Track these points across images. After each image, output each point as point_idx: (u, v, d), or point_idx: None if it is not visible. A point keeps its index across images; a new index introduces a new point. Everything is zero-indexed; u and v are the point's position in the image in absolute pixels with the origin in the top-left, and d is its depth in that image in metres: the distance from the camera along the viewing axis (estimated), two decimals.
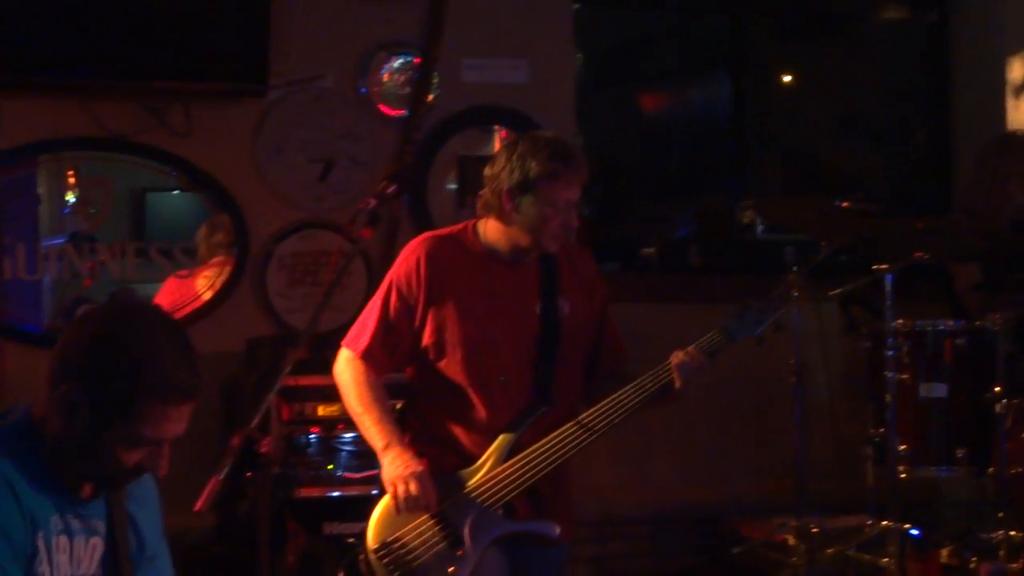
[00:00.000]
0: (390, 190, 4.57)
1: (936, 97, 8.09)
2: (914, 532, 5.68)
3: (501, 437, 4.43)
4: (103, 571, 3.27)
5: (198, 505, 3.82)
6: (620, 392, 4.45)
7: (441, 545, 4.37)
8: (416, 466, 4.36)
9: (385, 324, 4.52)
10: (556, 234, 4.43)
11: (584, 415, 4.45)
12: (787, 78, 8.12)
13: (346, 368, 4.54)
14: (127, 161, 6.29)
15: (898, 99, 8.31)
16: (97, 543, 3.24)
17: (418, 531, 4.37)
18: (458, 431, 4.51)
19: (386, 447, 4.41)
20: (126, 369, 3.03)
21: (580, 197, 4.48)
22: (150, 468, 3.20)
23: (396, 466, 4.36)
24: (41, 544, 3.07)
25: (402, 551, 4.36)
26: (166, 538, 3.53)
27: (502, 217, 4.45)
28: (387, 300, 4.53)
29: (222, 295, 6.33)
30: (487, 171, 4.50)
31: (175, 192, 6.54)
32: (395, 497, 4.34)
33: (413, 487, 4.32)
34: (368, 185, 6.13)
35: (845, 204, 5.89)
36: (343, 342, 4.59)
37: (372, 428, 4.45)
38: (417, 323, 4.51)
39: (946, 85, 8.05)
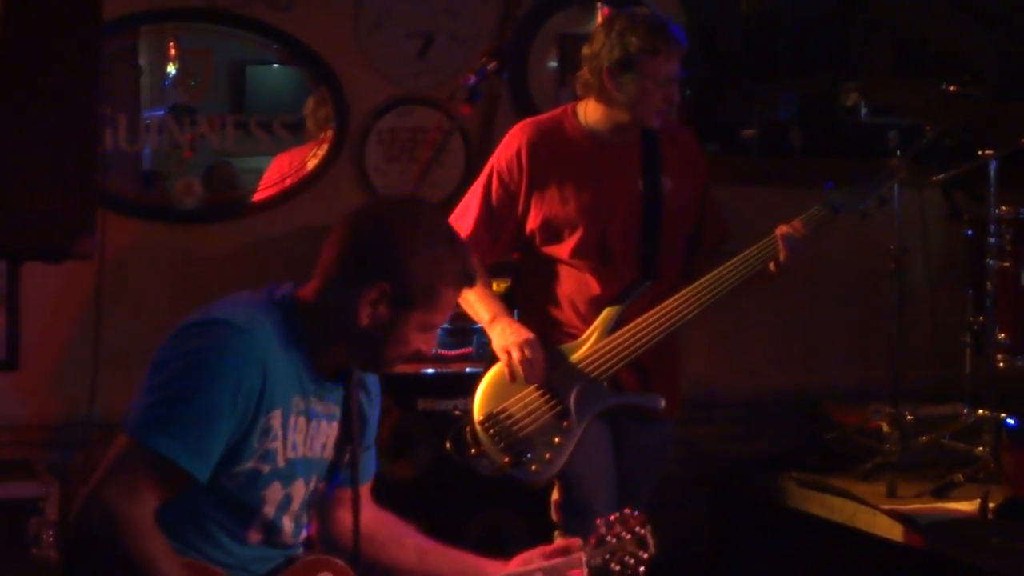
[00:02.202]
0: (490, 67, 4.59)
1: None
2: (1010, 422, 5.63)
3: (607, 310, 4.50)
4: (334, 454, 3.43)
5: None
6: (725, 266, 4.52)
7: (547, 416, 4.43)
8: (527, 333, 4.43)
9: (488, 210, 4.58)
10: (658, 109, 4.47)
11: (688, 289, 4.49)
12: None
13: None
14: (228, 33, 6.27)
15: None
16: (332, 427, 3.40)
17: (524, 402, 4.44)
18: (567, 308, 4.59)
19: (494, 319, 4.48)
20: (428, 262, 3.23)
21: (680, 72, 4.48)
22: (426, 351, 3.39)
23: (507, 334, 4.44)
24: (277, 422, 3.21)
25: (508, 422, 4.43)
26: None
27: (603, 96, 4.49)
28: (488, 187, 4.59)
29: (321, 169, 6.33)
30: (585, 50, 4.54)
31: (275, 66, 6.53)
32: (508, 364, 4.40)
33: (528, 352, 4.37)
34: (468, 61, 6.08)
35: (952, 88, 5.81)
36: None
37: (477, 303, 4.53)
38: (520, 210, 4.56)
39: None
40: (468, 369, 5.48)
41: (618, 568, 3.57)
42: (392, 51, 6.47)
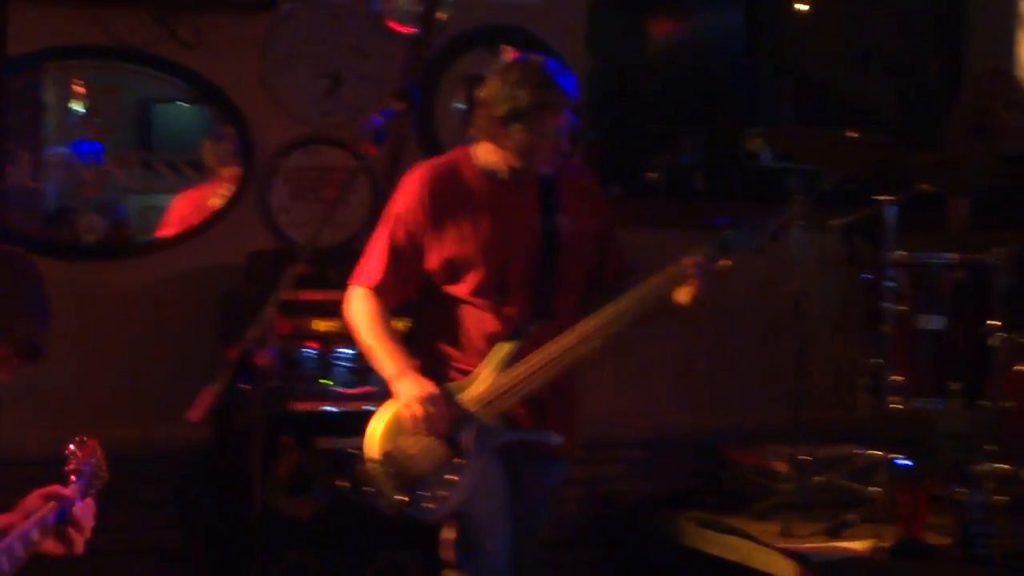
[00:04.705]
0: (397, 107, 4.61)
1: (949, 29, 8.06)
2: (904, 462, 5.72)
3: (501, 347, 4.54)
4: None
5: (193, 415, 3.87)
6: (621, 302, 4.53)
7: (442, 454, 4.47)
8: (431, 388, 4.46)
9: (394, 257, 4.62)
10: (546, 158, 4.53)
11: (585, 324, 4.53)
12: (801, 7, 8.07)
13: (358, 304, 4.65)
14: (135, 71, 6.27)
15: (911, 30, 8.26)
16: None
17: (419, 441, 4.44)
18: (466, 346, 4.64)
19: (400, 373, 4.52)
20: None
21: (570, 122, 4.56)
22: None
23: (411, 389, 4.45)
24: None
25: (403, 460, 4.47)
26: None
27: (495, 141, 4.54)
28: (392, 233, 4.63)
29: (226, 208, 6.34)
30: (479, 95, 4.60)
31: (182, 104, 6.53)
32: (412, 418, 4.42)
33: (432, 407, 4.41)
34: (375, 102, 6.11)
35: (853, 134, 5.90)
36: (352, 281, 4.70)
37: (385, 358, 4.57)
38: (423, 251, 4.59)
39: (959, 17, 8.02)
40: (368, 407, 5.48)
41: (93, 492, 3.65)
42: (300, 90, 6.49)
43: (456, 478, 4.44)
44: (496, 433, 4.51)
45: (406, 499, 4.43)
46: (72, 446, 3.66)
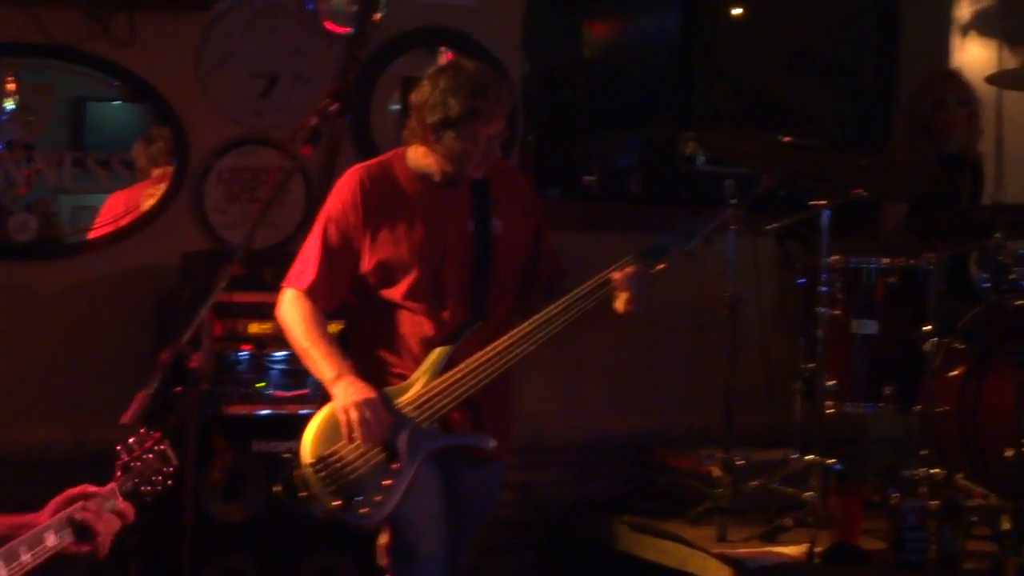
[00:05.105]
0: (332, 108, 4.59)
1: (884, 34, 8.11)
2: (838, 467, 5.75)
3: (436, 351, 4.53)
4: None
5: (125, 418, 3.83)
6: (555, 305, 4.55)
7: (377, 459, 4.44)
8: (369, 392, 4.43)
9: (327, 259, 4.59)
10: (477, 165, 4.53)
11: (519, 328, 4.54)
12: (737, 11, 8.10)
13: (291, 307, 4.61)
14: (69, 69, 6.21)
15: (846, 35, 8.31)
16: None
17: (354, 445, 4.43)
18: (401, 350, 4.61)
19: (337, 376, 4.49)
20: None
21: (503, 129, 4.56)
22: None
23: (348, 393, 4.43)
24: None
25: (338, 464, 4.43)
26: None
27: (427, 146, 4.53)
28: (326, 235, 4.61)
29: (159, 208, 6.29)
30: (412, 99, 4.58)
31: (115, 103, 6.48)
32: (348, 423, 4.40)
33: (369, 412, 4.38)
34: (311, 102, 6.08)
35: (787, 139, 5.93)
36: (284, 283, 4.67)
37: (321, 361, 4.53)
38: (356, 253, 4.58)
39: (894, 22, 8.07)
40: (303, 411, 5.45)
41: (148, 489, 3.60)
42: (235, 90, 6.45)
43: (391, 483, 4.42)
44: (431, 438, 4.50)
45: (341, 504, 4.40)
46: (131, 439, 3.61)
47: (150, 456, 3.62)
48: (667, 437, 6.86)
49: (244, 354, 5.64)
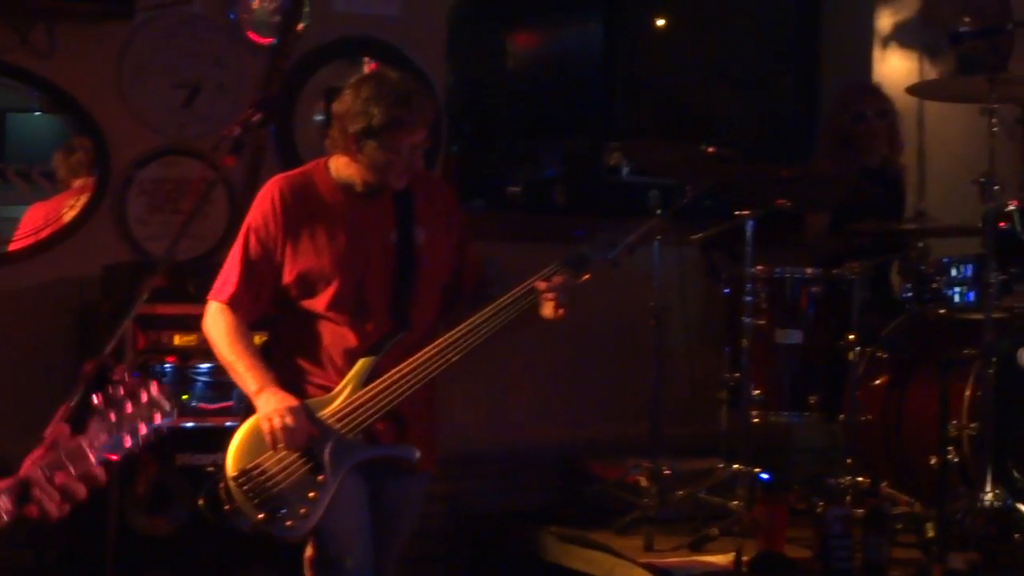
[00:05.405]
0: (255, 119, 4.56)
1: (805, 46, 8.17)
2: (764, 476, 5.77)
3: (360, 362, 4.51)
4: None
5: (47, 431, 3.78)
6: (479, 315, 4.54)
7: (302, 471, 4.41)
8: (292, 401, 4.41)
9: (248, 270, 4.56)
10: (400, 174, 4.51)
11: (443, 338, 4.53)
12: (660, 22, 8.13)
13: (215, 319, 4.58)
14: None
15: (768, 47, 8.35)
16: None
17: (278, 458, 4.41)
18: (324, 362, 4.59)
19: (260, 389, 4.46)
20: None
21: (426, 139, 4.55)
22: None
23: (271, 403, 4.40)
24: None
25: (261, 478, 4.40)
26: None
27: (350, 156, 4.52)
28: (247, 246, 4.58)
29: (80, 220, 6.23)
30: (334, 108, 4.56)
31: (36, 113, 6.42)
32: (271, 431, 4.37)
33: (290, 419, 4.35)
34: (233, 113, 6.05)
35: (710, 150, 5.95)
36: (208, 296, 4.62)
37: (246, 374, 4.50)
38: (278, 264, 4.57)
39: (815, 34, 8.13)
40: (228, 423, 5.41)
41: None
42: (157, 100, 6.40)
43: (315, 495, 4.39)
44: (355, 449, 4.47)
45: (265, 517, 4.37)
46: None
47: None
48: (594, 447, 6.86)
49: (168, 366, 5.59)
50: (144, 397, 3.47)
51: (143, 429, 3.44)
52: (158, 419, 3.48)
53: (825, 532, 5.39)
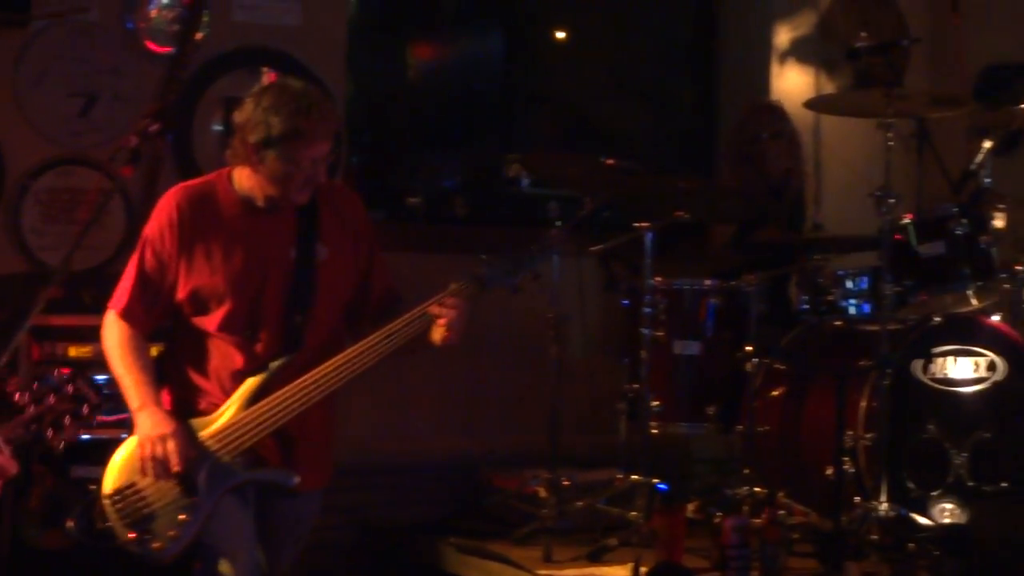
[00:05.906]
0: (153, 128, 4.52)
1: (703, 60, 8.23)
2: (662, 487, 5.80)
3: (247, 382, 4.44)
4: None
5: None
6: (375, 335, 4.46)
7: (175, 492, 4.36)
8: (168, 427, 4.34)
9: (142, 282, 4.48)
10: (301, 188, 4.43)
11: (337, 357, 4.45)
12: (560, 35, 8.16)
13: (109, 330, 4.52)
14: None
15: (667, 60, 8.40)
16: None
17: (152, 479, 4.34)
18: (213, 381, 4.51)
19: (141, 406, 4.39)
20: None
21: (328, 151, 4.47)
22: None
23: (147, 426, 4.34)
24: None
25: (134, 498, 4.37)
26: None
27: (250, 166, 4.43)
28: (143, 258, 4.49)
29: None
30: (235, 118, 4.46)
31: None
32: (142, 458, 4.32)
33: (161, 449, 4.30)
34: (131, 122, 5.98)
35: (610, 162, 5.97)
36: (108, 304, 4.53)
37: (131, 389, 4.44)
38: (172, 277, 4.47)
39: (713, 48, 8.19)
40: (124, 435, 5.36)
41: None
42: (53, 109, 6.34)
43: (186, 517, 4.33)
44: (232, 472, 4.40)
45: (135, 537, 4.32)
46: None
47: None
48: (493, 458, 6.86)
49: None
50: (71, 389, 3.49)
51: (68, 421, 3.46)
52: (86, 411, 3.50)
53: (722, 542, 5.42)
